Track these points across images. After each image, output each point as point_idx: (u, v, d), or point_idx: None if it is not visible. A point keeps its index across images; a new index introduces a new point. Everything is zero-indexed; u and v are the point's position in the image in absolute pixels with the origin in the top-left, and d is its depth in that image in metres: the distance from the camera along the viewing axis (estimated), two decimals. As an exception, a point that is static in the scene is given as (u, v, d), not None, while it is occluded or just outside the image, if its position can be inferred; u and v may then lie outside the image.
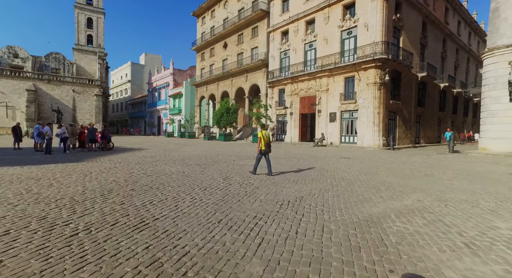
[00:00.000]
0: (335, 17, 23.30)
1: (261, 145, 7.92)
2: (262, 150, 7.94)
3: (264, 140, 7.91)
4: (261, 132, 8.01)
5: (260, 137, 7.97)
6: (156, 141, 30.00)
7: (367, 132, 20.87)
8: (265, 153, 8.03)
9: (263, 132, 8.01)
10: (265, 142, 7.91)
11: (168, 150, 17.16)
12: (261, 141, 7.94)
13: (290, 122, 28.34)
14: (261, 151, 7.96)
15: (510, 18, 15.18)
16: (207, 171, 8.70)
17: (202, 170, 8.99)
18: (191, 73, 53.53)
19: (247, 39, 34.43)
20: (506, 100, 15.13)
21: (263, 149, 7.92)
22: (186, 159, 12.02)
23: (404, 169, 9.72)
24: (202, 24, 43.77)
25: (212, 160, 11.82)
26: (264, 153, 8.01)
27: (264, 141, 7.91)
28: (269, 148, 8.03)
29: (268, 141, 8.00)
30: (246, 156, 13.66)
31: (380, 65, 20.05)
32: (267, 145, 7.96)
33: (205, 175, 7.96)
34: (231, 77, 37.33)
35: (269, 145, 8.04)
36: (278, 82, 29.26)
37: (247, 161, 11.55)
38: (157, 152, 15.56)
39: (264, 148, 7.92)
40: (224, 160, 11.81)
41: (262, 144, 7.92)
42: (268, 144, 7.99)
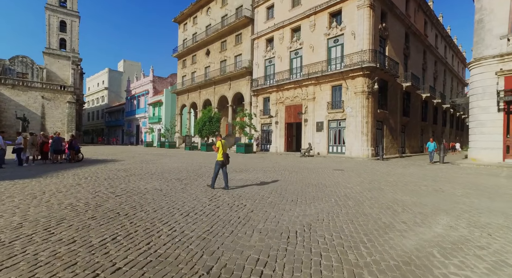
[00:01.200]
0: (321, 25, 22.99)
1: (220, 155, 7.40)
2: (220, 162, 7.38)
3: (223, 151, 7.42)
4: (221, 141, 7.51)
5: (219, 146, 7.43)
6: (134, 151, 28.07)
7: (356, 142, 20.32)
8: (222, 165, 7.43)
9: (223, 142, 7.54)
10: (224, 153, 7.43)
11: (145, 161, 15.62)
12: (220, 151, 7.41)
13: (275, 132, 27.47)
14: (220, 162, 7.38)
15: (495, 29, 15.27)
16: (190, 188, 7.44)
17: (183, 187, 7.71)
18: (172, 80, 51.91)
19: (231, 46, 33.62)
20: (495, 110, 15.04)
21: (221, 160, 7.37)
22: (165, 173, 10.65)
23: (407, 183, 8.92)
24: (183, 30, 42.63)
25: (195, 174, 10.53)
26: (222, 165, 7.41)
27: (223, 151, 7.42)
28: (227, 159, 7.51)
29: (226, 151, 7.59)
30: (231, 169, 12.47)
31: (368, 74, 19.73)
32: (225, 156, 7.45)
33: (187, 194, 6.71)
34: (213, 85, 36.22)
35: (227, 156, 7.56)
36: (263, 90, 28.47)
37: (234, 175, 10.38)
38: (133, 164, 14.01)
39: (222, 159, 7.36)
40: (208, 174, 10.55)
41: (220, 155, 7.40)
42: (226, 155, 7.52)
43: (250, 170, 12.21)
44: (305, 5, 24.25)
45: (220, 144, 7.45)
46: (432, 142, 17.41)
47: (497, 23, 15.23)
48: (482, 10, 15.81)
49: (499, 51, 15.03)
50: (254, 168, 13.01)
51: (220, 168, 7.47)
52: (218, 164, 7.40)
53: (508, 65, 14.74)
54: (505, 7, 15.03)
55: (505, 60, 14.80)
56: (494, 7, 15.35)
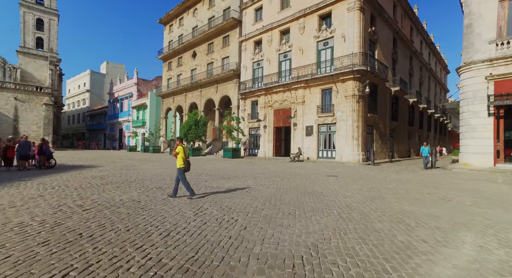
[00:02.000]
0: (311, 27, 22.64)
1: (181, 162, 6.67)
2: (182, 169, 6.69)
3: (184, 156, 6.71)
4: (182, 146, 6.76)
5: (180, 152, 6.68)
6: (115, 156, 26.61)
7: (346, 147, 19.90)
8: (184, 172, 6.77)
9: (184, 146, 6.81)
10: (185, 159, 6.72)
11: (126, 167, 14.50)
12: (180, 157, 6.67)
13: (263, 136, 26.79)
14: (182, 169, 6.70)
15: (484, 34, 15.28)
16: (172, 199, 6.55)
17: (165, 197, 6.81)
18: (157, 83, 50.49)
19: (218, 48, 32.86)
20: (485, 114, 14.94)
21: (182, 166, 6.69)
22: (146, 180, 9.67)
23: (408, 190, 8.37)
24: (169, 32, 41.55)
25: (179, 181, 9.61)
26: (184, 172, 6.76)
27: (184, 157, 6.71)
28: (189, 166, 6.87)
29: (188, 157, 6.90)
30: (219, 175, 11.61)
31: (358, 77, 19.42)
32: (187, 163, 6.80)
33: (169, 206, 5.83)
34: (200, 88, 35.28)
35: (189, 162, 6.89)
36: (251, 94, 27.80)
37: (222, 182, 9.53)
38: (112, 170, 12.89)
39: (184, 166, 6.70)
40: (194, 181, 9.66)
41: (181, 161, 6.67)
42: (188, 162, 6.83)
43: (239, 176, 11.39)
44: (295, 7, 23.89)
45: (180, 149, 6.67)
46: (426, 146, 16.71)
47: (486, 28, 15.24)
48: (471, 15, 15.81)
49: (488, 55, 15.00)
50: (243, 174, 12.20)
51: (185, 175, 6.79)
52: (181, 171, 6.67)
53: (497, 70, 14.71)
54: (493, 12, 15.06)
55: (495, 65, 14.77)
56: (482, 12, 15.37)
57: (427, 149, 16.51)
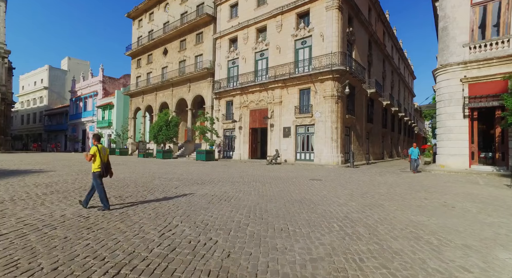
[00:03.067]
0: (289, 25, 21.98)
1: (96, 165, 5.45)
2: (97, 173, 5.45)
3: (101, 158, 5.48)
4: (97, 146, 5.47)
5: (95, 153, 5.44)
6: (75, 159, 23.98)
7: (325, 149, 19.35)
8: (100, 177, 5.51)
9: (99, 147, 5.51)
10: (102, 161, 5.49)
11: (84, 172, 12.62)
12: (97, 159, 5.45)
13: (239, 137, 25.64)
14: (97, 174, 5.45)
15: (458, 37, 15.44)
16: (133, 213, 5.21)
17: (123, 211, 5.44)
18: (125, 82, 47.42)
19: (191, 46, 31.25)
20: (460, 116, 15.04)
21: (98, 171, 5.45)
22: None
23: (402, 195, 7.68)
24: (138, 27, 39.06)
25: (145, 189, 8.18)
26: (100, 177, 5.50)
27: (101, 159, 5.48)
28: (106, 171, 5.58)
29: (106, 160, 5.63)
30: (192, 180, 10.29)
31: (337, 77, 19.00)
32: (104, 166, 5.52)
33: (126, 224, 4.51)
34: (171, 87, 33.37)
35: (107, 166, 5.62)
36: (226, 93, 26.57)
37: (196, 188, 8.26)
38: (65, 176, 11.03)
39: (100, 170, 5.46)
40: (162, 188, 8.29)
41: (97, 164, 5.45)
42: (105, 165, 5.56)
43: (215, 181, 10.17)
44: (271, 5, 23.11)
45: (95, 150, 5.43)
46: (416, 148, 15.41)
47: (460, 31, 15.40)
48: (445, 18, 15.95)
49: (462, 58, 15.14)
50: (219, 179, 10.98)
51: (101, 181, 5.54)
52: (97, 177, 5.44)
53: (471, 73, 14.87)
54: (466, 16, 15.25)
55: (468, 68, 14.93)
56: (456, 16, 15.54)
57: (416, 151, 15.26)
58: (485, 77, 14.41)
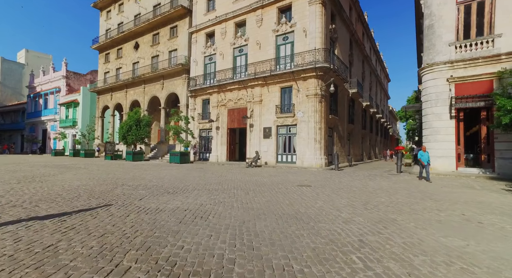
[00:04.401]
0: (270, 20, 20.82)
1: None
2: None
3: None
4: None
5: None
6: (28, 162, 21.16)
7: (308, 150, 18.36)
8: None
9: None
10: None
11: (30, 178, 10.53)
12: None
13: (216, 138, 24.07)
14: None
15: (444, 36, 15.08)
16: (65, 248, 3.63)
17: (61, 237, 3.85)
18: (92, 78, 43.99)
19: (164, 40, 29.20)
20: (447, 117, 14.65)
21: None
22: (45, 200, 6.38)
23: (409, 205, 6.67)
24: (106, 18, 36.18)
25: (100, 201, 6.52)
26: None
27: None
28: None
29: None
30: (162, 188, 8.70)
31: (321, 75, 18.10)
32: None
33: (55, 267, 2.96)
34: (143, 84, 31.09)
35: None
36: (202, 91, 24.91)
37: (165, 200, 6.74)
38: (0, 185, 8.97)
39: None
40: (123, 200, 6.68)
41: None
42: None
43: (189, 189, 8.66)
44: (252, -2, 21.87)
45: None
46: (426, 151, 12.29)
47: (445, 30, 15.04)
48: (431, 16, 15.54)
49: (448, 57, 14.77)
50: (194, 186, 9.48)
51: None
52: None
53: (457, 72, 14.52)
54: (451, 15, 14.92)
55: (455, 67, 14.58)
56: (442, 14, 15.17)
57: (427, 155, 12.03)
58: (471, 77, 14.09)
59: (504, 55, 13.29)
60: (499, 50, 13.51)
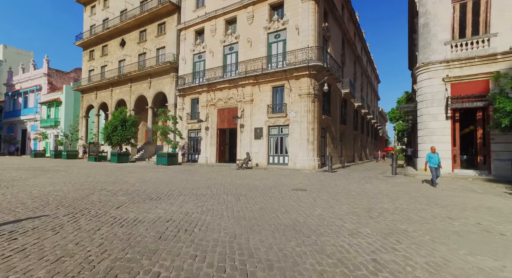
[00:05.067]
0: (261, 17, 20.18)
1: None
2: None
3: None
4: None
5: None
6: (1, 164, 19.80)
7: (300, 151, 17.78)
8: None
9: None
10: None
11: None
12: None
13: (205, 139, 23.23)
14: None
15: (439, 34, 14.78)
16: (13, 276, 2.84)
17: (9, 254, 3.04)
18: (76, 76, 42.35)
19: (152, 37, 28.16)
20: (443, 117, 14.33)
21: None
22: (1, 211, 5.47)
23: (417, 212, 6.10)
24: (91, 14, 34.78)
25: (71, 210, 5.67)
26: None
27: None
28: None
29: None
30: (145, 193, 7.88)
31: (314, 74, 17.57)
32: None
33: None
34: (130, 83, 29.93)
35: None
36: (191, 90, 24.03)
37: (146, 208, 5.95)
38: (-40, 191, 7.96)
39: None
40: (97, 209, 5.85)
41: None
42: None
43: (175, 194, 7.89)
44: (242, -6, 21.18)
45: None
46: (435, 152, 10.64)
47: (441, 28, 14.74)
48: (426, 14, 15.23)
49: (444, 56, 14.47)
50: (180, 190, 8.70)
51: None
52: None
53: (453, 72, 14.22)
54: (447, 13, 14.63)
55: (451, 67, 14.27)
56: (438, 12, 14.87)
57: (437, 157, 10.44)
58: (467, 76, 13.80)
59: (500, 55, 13.04)
60: (495, 49, 13.25)
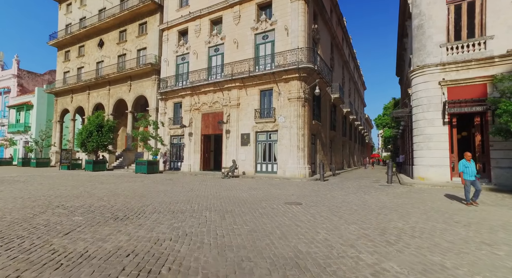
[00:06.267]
0: (248, 17, 19.19)
1: None
2: None
3: None
4: None
5: None
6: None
7: (290, 159, 16.68)
8: None
9: None
10: None
11: None
12: None
13: (188, 146, 21.77)
14: None
15: (435, 36, 14.22)
16: None
17: None
18: (51, 78, 39.95)
19: (132, 37, 26.64)
20: (440, 123, 13.65)
21: None
22: None
23: (441, 235, 5.03)
24: (66, 12, 32.81)
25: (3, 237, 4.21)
26: None
27: None
28: None
29: None
30: (111, 210, 6.44)
31: (304, 77, 16.63)
32: None
33: None
34: (108, 86, 28.16)
35: None
36: (174, 93, 22.61)
37: (105, 232, 4.56)
38: None
39: None
40: (39, 234, 4.42)
41: None
42: None
43: (147, 211, 6.51)
44: (229, -7, 20.18)
45: None
46: (470, 160, 8.14)
47: (436, 30, 14.19)
48: (421, 16, 14.68)
49: (440, 59, 13.88)
50: (156, 205, 7.32)
51: None
52: None
53: (449, 75, 13.62)
54: (442, 14, 14.11)
55: (447, 70, 13.68)
56: (432, 13, 14.33)
57: (473, 166, 8.05)
58: (464, 80, 13.21)
59: (498, 58, 12.53)
60: (491, 52, 12.74)
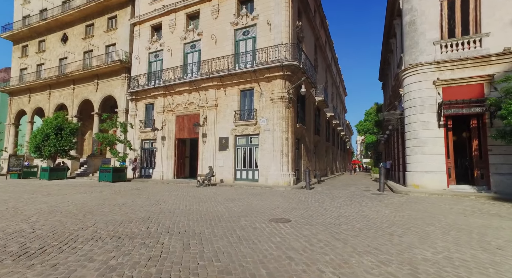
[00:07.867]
0: (228, 11, 17.67)
1: None
2: None
3: None
4: None
5: None
6: None
7: (273, 165, 15.09)
8: None
9: None
10: None
11: None
12: None
13: (161, 151, 19.66)
14: None
15: (428, 33, 13.32)
16: None
17: None
18: (7, 76, 36.16)
19: (100, 32, 24.31)
20: (435, 125, 12.64)
21: None
22: None
23: (496, 266, 3.52)
24: (24, 2, 29.79)
25: None
26: None
27: None
28: None
29: None
30: (32, 237, 4.44)
31: (288, 75, 15.23)
32: None
33: None
34: (72, 84, 25.54)
35: None
36: (145, 93, 20.50)
37: (11, 275, 2.65)
38: None
39: None
40: None
41: None
42: None
43: (83, 237, 4.55)
44: (206, -15, 18.59)
45: None
46: None
47: (429, 26, 13.31)
48: (412, 11, 13.78)
49: (434, 57, 12.96)
50: (99, 227, 5.36)
51: None
52: None
53: (444, 75, 12.70)
54: (435, 10, 13.26)
55: (441, 69, 12.76)
56: (424, 9, 13.45)
57: None
58: (459, 80, 12.30)
59: (495, 56, 11.73)
60: (488, 50, 11.95)
